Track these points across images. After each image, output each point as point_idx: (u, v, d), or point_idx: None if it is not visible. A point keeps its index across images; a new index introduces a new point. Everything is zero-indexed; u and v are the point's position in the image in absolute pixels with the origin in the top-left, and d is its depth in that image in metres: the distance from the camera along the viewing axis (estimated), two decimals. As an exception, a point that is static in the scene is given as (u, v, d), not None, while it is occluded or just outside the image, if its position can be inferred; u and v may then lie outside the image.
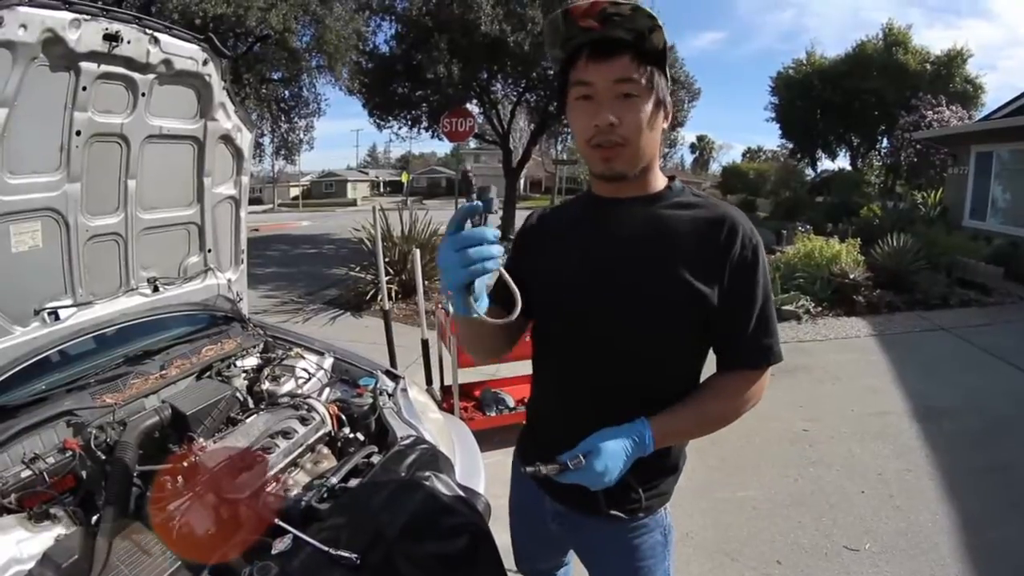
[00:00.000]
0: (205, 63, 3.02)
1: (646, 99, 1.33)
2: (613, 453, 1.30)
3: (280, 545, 1.73)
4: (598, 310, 1.45)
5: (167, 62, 2.82)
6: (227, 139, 3.38)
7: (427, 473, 2.05)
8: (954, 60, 28.23)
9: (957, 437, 4.94)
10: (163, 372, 2.83)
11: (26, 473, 2.08)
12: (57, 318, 2.71)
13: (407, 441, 2.33)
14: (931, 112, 22.81)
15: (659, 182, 1.47)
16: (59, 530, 1.87)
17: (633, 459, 1.33)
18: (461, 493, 2.02)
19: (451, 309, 4.68)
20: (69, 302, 2.78)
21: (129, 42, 2.59)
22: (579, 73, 1.35)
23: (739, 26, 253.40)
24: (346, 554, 1.62)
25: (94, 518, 2.02)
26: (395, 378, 3.06)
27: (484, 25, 13.66)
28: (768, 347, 1.42)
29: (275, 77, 16.12)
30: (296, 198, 61.60)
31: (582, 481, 1.30)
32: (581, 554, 1.73)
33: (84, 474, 2.20)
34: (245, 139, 3.48)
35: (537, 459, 1.36)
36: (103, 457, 2.24)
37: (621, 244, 1.44)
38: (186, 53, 2.91)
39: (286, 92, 17.02)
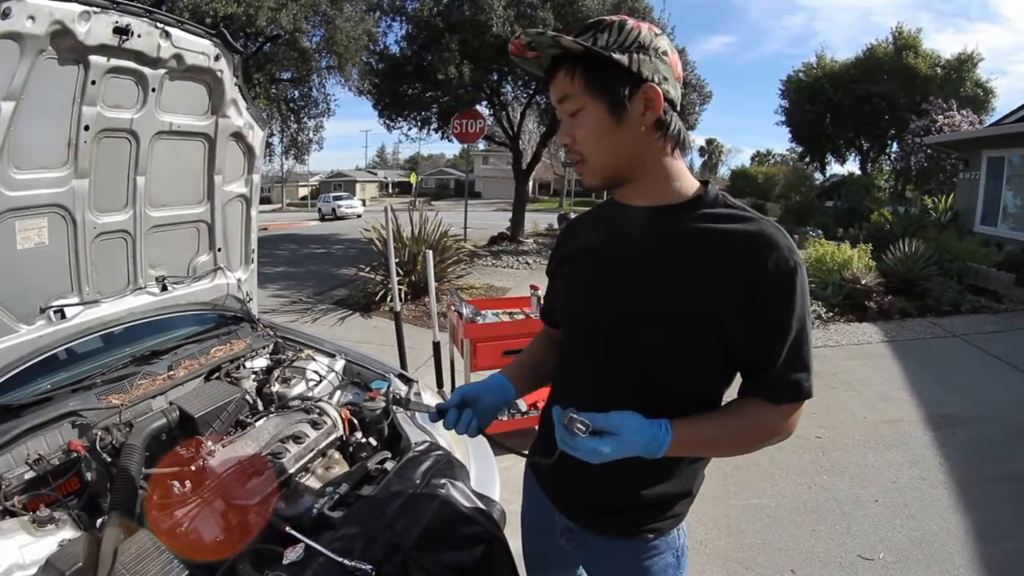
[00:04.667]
0: (217, 59, 2.98)
1: (594, 110, 1.27)
2: (629, 446, 1.22)
3: (292, 555, 1.69)
4: (603, 325, 1.39)
5: (178, 57, 2.78)
6: (238, 136, 3.34)
7: (442, 480, 2.00)
8: (964, 64, 28.29)
9: (971, 446, 4.90)
10: (171, 373, 2.79)
11: (30, 475, 2.06)
12: (63, 316, 2.67)
13: (421, 447, 2.28)
14: (942, 116, 22.76)
15: (684, 188, 1.36)
16: (63, 534, 1.82)
17: (634, 454, 1.24)
18: (477, 501, 1.97)
19: (464, 312, 4.71)
20: (75, 300, 2.74)
21: (140, 36, 2.55)
22: None
23: (749, 30, 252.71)
24: (361, 565, 1.57)
25: (99, 522, 1.98)
26: (408, 381, 3.01)
27: (495, 26, 13.71)
28: (797, 383, 1.29)
29: (285, 77, 16.27)
30: (305, 198, 62.13)
31: (580, 449, 1.23)
32: (590, 572, 1.67)
33: (89, 477, 2.16)
34: (257, 137, 3.44)
35: (543, 470, 1.35)
36: (109, 459, 2.21)
37: (635, 257, 1.35)
38: (197, 48, 2.87)
39: (296, 92, 17.21)
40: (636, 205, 1.38)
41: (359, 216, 34.20)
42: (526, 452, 1.60)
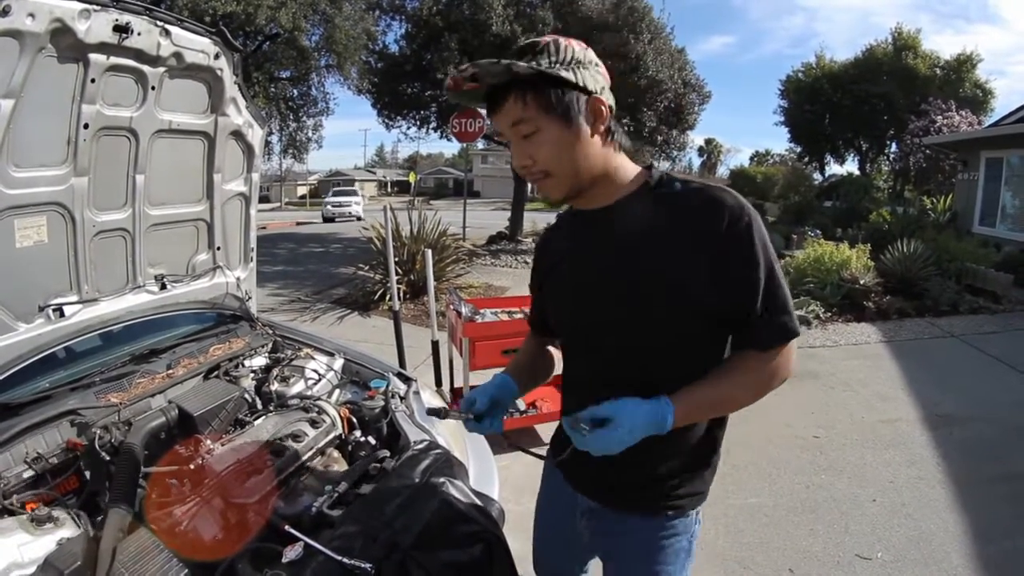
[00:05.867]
0: (216, 57, 2.98)
1: (550, 128, 1.33)
2: (632, 425, 1.28)
3: (291, 553, 1.69)
4: (591, 325, 1.47)
5: (178, 55, 2.78)
6: (238, 135, 3.34)
7: (441, 479, 2.00)
8: (963, 65, 28.27)
9: (968, 446, 4.89)
10: (170, 371, 2.79)
11: (28, 473, 2.06)
12: (62, 315, 2.67)
13: (420, 445, 2.28)
14: (940, 117, 22.77)
15: (628, 183, 1.44)
16: (61, 533, 1.82)
17: (647, 434, 1.29)
18: (476, 500, 1.97)
19: (463, 310, 4.71)
20: (74, 299, 2.74)
21: (139, 34, 2.55)
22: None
23: (749, 30, 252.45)
24: (360, 564, 1.57)
25: (98, 520, 1.97)
26: (407, 380, 3.01)
27: (495, 26, 13.68)
28: (782, 325, 1.35)
29: (284, 76, 16.26)
30: (304, 197, 62.13)
31: (593, 445, 1.29)
32: (602, 553, 1.69)
33: (88, 475, 2.16)
34: (256, 135, 3.44)
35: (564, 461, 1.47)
36: (108, 458, 2.20)
37: (610, 256, 1.42)
38: (197, 46, 2.87)
39: (295, 91, 17.18)
40: (596, 208, 1.46)
41: (359, 218, 27.98)
42: (543, 455, 1.69)
